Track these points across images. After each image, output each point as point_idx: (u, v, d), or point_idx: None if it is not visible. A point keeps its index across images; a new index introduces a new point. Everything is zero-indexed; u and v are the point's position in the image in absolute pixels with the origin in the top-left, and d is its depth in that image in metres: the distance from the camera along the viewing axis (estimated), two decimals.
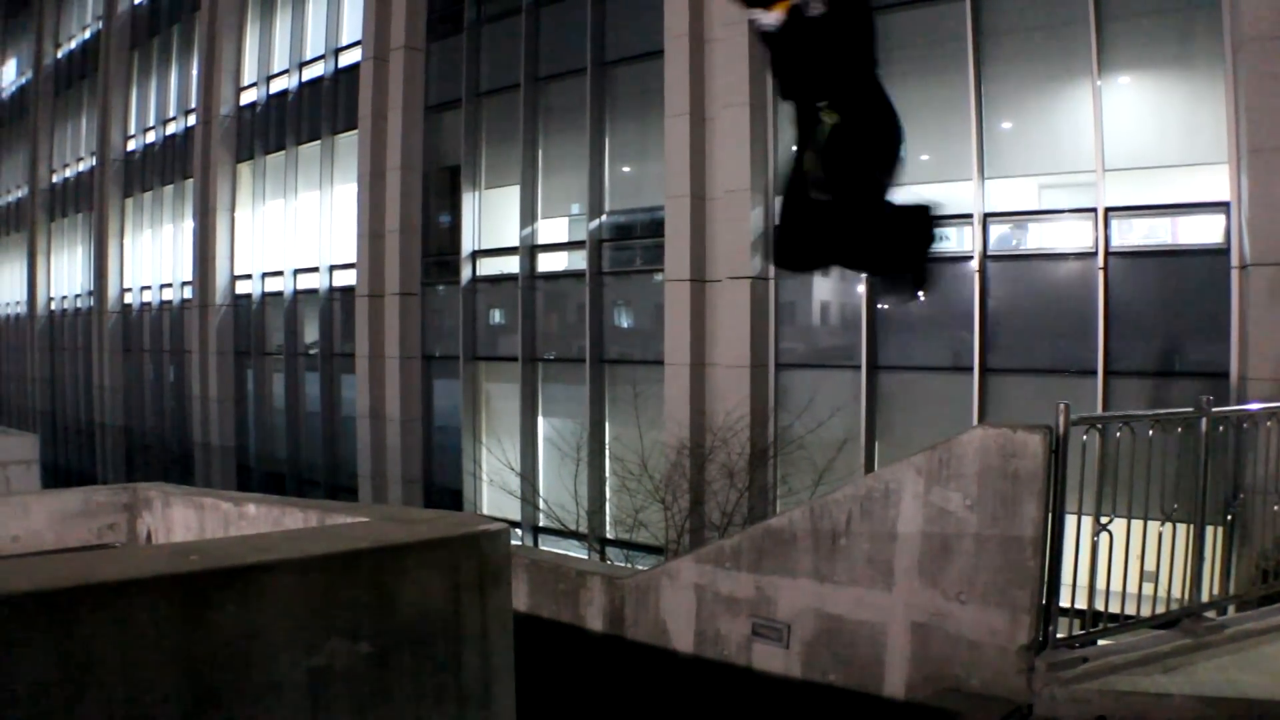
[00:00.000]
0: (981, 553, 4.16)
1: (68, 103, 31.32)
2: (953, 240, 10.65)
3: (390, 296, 16.20)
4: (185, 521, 8.47)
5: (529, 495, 12.98)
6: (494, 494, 12.11)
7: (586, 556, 11.72)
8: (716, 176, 11.83)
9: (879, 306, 10.87)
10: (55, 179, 32.33)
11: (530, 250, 14.25)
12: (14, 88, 37.88)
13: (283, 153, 19.95)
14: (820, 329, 12.01)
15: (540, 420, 14.41)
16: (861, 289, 10.95)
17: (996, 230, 10.22)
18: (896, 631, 4.48)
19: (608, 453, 13.02)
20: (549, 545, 13.04)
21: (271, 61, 20.62)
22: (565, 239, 14.36)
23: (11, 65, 38.35)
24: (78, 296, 30.38)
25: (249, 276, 21.01)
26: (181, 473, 21.55)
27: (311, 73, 19.26)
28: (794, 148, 2.98)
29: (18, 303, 36.38)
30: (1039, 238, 10.26)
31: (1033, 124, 10.31)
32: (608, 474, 12.89)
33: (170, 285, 24.43)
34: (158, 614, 1.86)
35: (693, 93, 11.99)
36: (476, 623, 2.31)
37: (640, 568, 8.39)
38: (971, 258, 10.15)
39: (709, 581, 5.40)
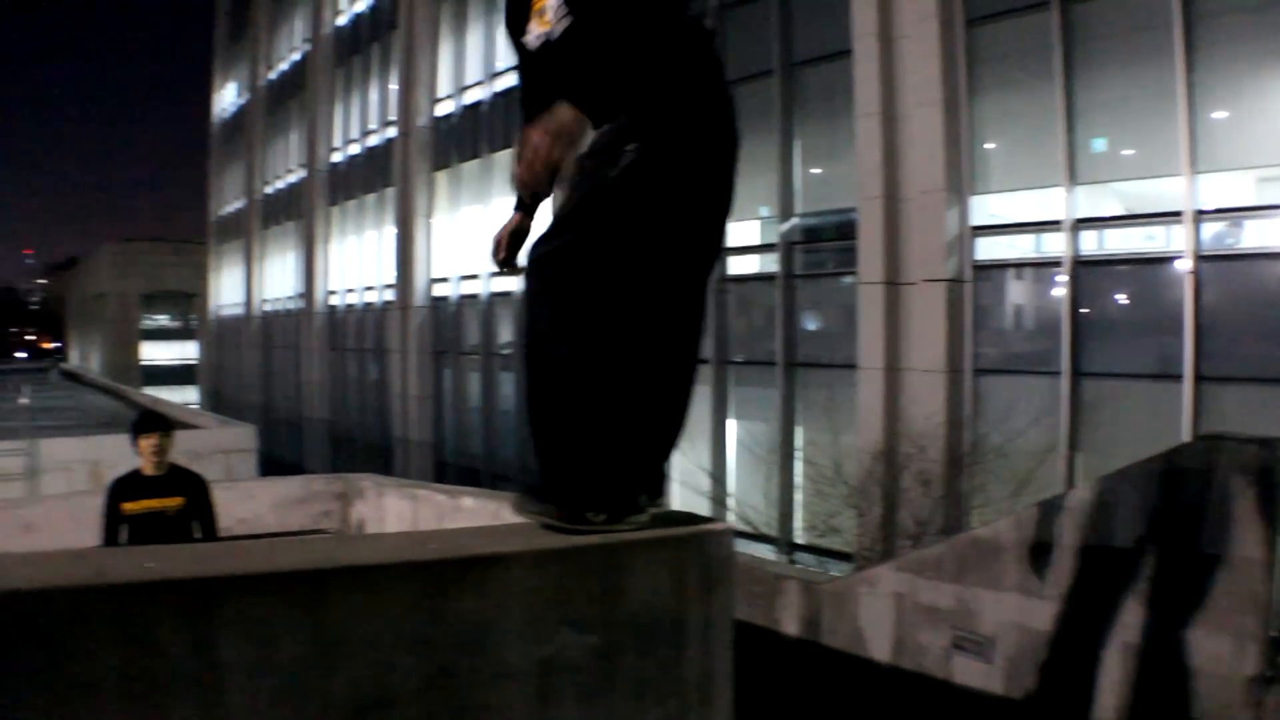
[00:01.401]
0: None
1: (279, 120, 33.89)
2: (1159, 239, 10.27)
3: None
4: (398, 511, 9.18)
5: (719, 497, 13.28)
6: (685, 495, 12.48)
7: (774, 560, 11.92)
8: (910, 177, 11.78)
9: (1082, 310, 10.57)
10: (268, 190, 35.04)
11: (721, 253, 14.47)
12: (233, 108, 41.27)
13: (477, 160, 21.05)
14: (1019, 333, 11.79)
15: (730, 423, 14.68)
16: (1063, 291, 10.67)
17: (1210, 228, 9.76)
18: (1109, 653, 4.35)
19: (798, 457, 13.16)
20: (738, 548, 13.26)
21: (465, 74, 21.80)
22: (756, 242, 14.57)
23: (231, 88, 41.78)
24: (289, 298, 32.86)
25: (446, 279, 22.30)
26: (382, 465, 22.99)
27: (503, 83, 20.22)
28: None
29: (237, 304, 39.60)
30: (1258, 236, 9.74)
31: (1249, 113, 9.77)
32: (798, 478, 13.03)
33: (373, 288, 26.15)
34: (402, 597, 1.97)
35: (883, 91, 11.96)
36: (699, 622, 2.32)
37: (834, 574, 8.54)
38: (1182, 257, 9.74)
39: (909, 590, 5.41)
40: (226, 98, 42.92)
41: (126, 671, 1.74)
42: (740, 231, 14.71)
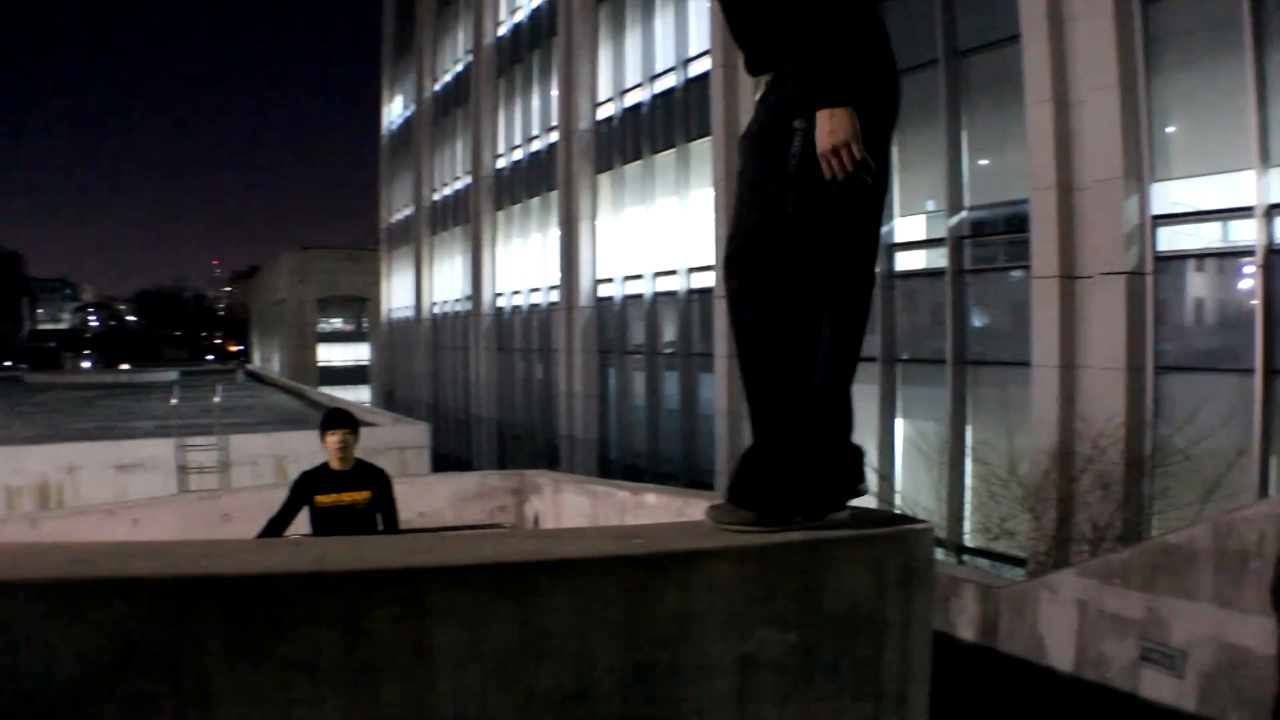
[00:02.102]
0: None
1: (445, 129, 35.34)
2: None
3: None
4: (577, 507, 9.36)
5: (888, 497, 13.23)
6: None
7: (944, 563, 11.80)
8: (1085, 164, 11.43)
9: (1278, 302, 10.02)
10: (436, 197, 36.59)
11: (887, 249, 14.38)
12: (401, 120, 43.26)
13: (639, 162, 21.52)
14: (1206, 328, 11.28)
15: (898, 421, 14.59)
16: (1255, 282, 10.15)
17: None
18: None
19: (970, 457, 12.97)
20: None
21: (624, 77, 22.31)
22: (923, 237, 14.41)
23: (399, 101, 43.82)
24: (457, 300, 34.24)
25: (610, 280, 22.85)
26: (547, 462, 23.80)
27: (663, 85, 20.63)
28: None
29: (407, 307, 41.50)
30: None
31: None
32: (969, 479, 12.85)
33: (538, 289, 27.05)
34: (606, 591, 2.04)
35: (1054, 76, 11.64)
36: (898, 621, 2.33)
37: (1010, 578, 8.43)
38: None
39: (1093, 598, 5.21)
40: (394, 110, 45.04)
41: (343, 655, 1.90)
42: (907, 226, 14.57)
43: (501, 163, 30.08)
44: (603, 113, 23.36)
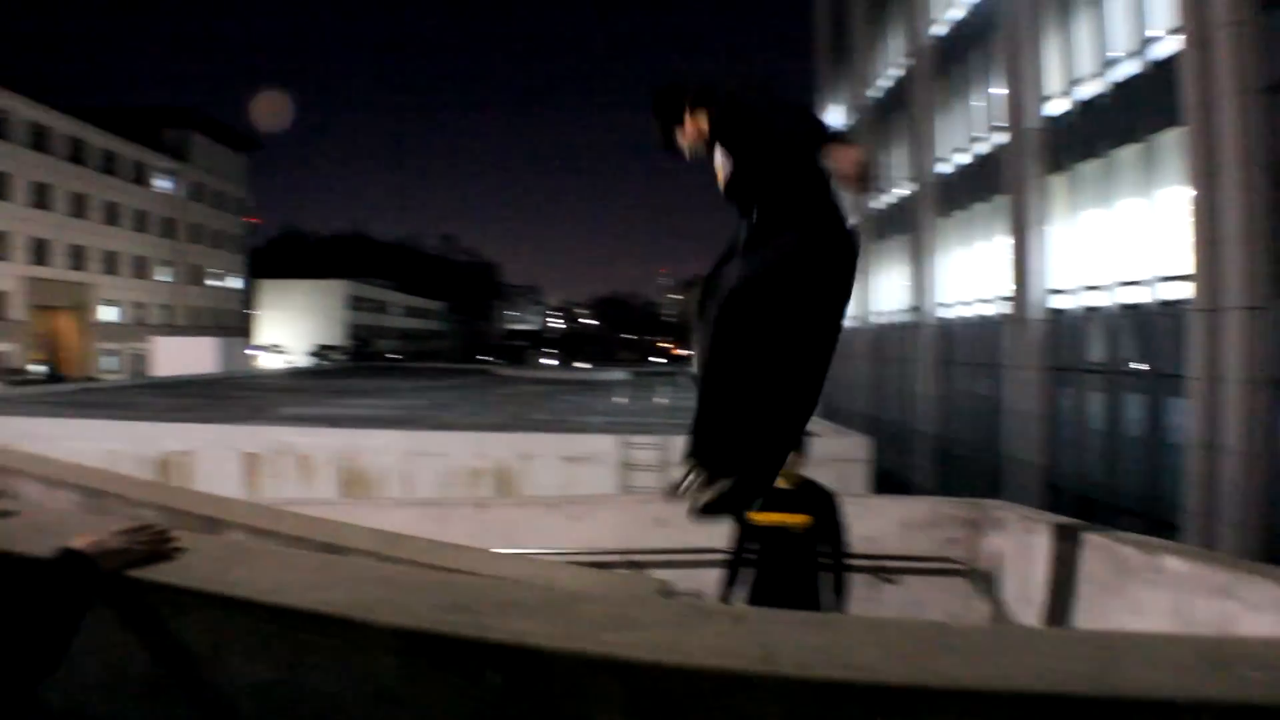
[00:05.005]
0: None
1: (884, 136, 34.84)
2: None
3: (1230, 311, 14.71)
4: (1057, 554, 7.29)
5: None
6: None
7: None
8: None
9: None
10: (877, 206, 36.13)
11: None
12: (840, 128, 43.26)
13: (1095, 160, 19.56)
14: None
15: None
16: None
17: None
18: None
19: None
20: None
21: (1074, 67, 20.37)
22: None
23: (837, 111, 43.95)
24: (899, 311, 33.49)
25: (1064, 291, 21.02)
26: (987, 485, 22.34)
27: (1119, 72, 18.57)
28: None
29: (850, 318, 41.28)
30: None
31: None
32: None
33: (985, 300, 25.57)
34: None
35: None
36: None
37: None
38: None
39: None
40: (833, 120, 45.12)
41: None
42: None
43: (944, 168, 28.88)
44: (1052, 108, 21.51)
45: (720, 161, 3.21)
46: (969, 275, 27.10)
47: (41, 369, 49.94)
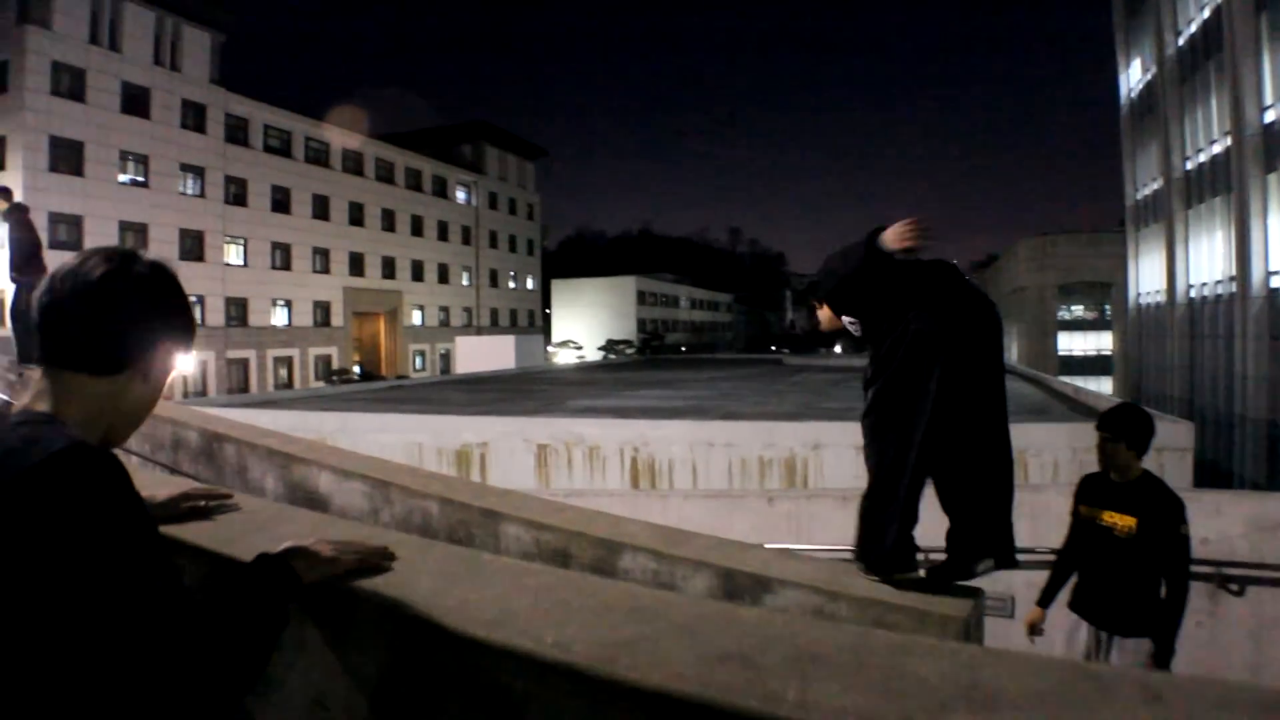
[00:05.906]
0: None
1: (1194, 88, 31.54)
2: None
3: None
4: None
5: None
6: None
7: None
8: None
9: None
10: (1189, 166, 32.83)
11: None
12: (1140, 85, 39.76)
13: None
14: None
15: None
16: None
17: None
18: None
19: None
20: None
21: None
22: None
23: (1136, 65, 40.32)
24: (1218, 282, 30.24)
25: None
26: None
27: None
28: None
29: (1157, 292, 37.95)
30: None
31: None
32: None
33: None
34: None
35: None
36: None
37: None
38: None
39: None
40: (1133, 76, 41.45)
41: None
42: None
43: (1271, 116, 25.61)
44: None
45: (851, 326, 3.66)
46: None
47: (357, 369, 55.32)
